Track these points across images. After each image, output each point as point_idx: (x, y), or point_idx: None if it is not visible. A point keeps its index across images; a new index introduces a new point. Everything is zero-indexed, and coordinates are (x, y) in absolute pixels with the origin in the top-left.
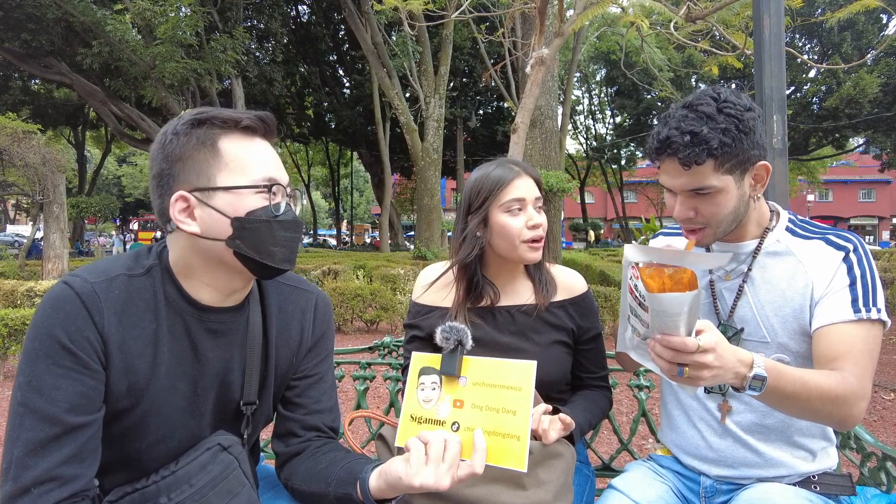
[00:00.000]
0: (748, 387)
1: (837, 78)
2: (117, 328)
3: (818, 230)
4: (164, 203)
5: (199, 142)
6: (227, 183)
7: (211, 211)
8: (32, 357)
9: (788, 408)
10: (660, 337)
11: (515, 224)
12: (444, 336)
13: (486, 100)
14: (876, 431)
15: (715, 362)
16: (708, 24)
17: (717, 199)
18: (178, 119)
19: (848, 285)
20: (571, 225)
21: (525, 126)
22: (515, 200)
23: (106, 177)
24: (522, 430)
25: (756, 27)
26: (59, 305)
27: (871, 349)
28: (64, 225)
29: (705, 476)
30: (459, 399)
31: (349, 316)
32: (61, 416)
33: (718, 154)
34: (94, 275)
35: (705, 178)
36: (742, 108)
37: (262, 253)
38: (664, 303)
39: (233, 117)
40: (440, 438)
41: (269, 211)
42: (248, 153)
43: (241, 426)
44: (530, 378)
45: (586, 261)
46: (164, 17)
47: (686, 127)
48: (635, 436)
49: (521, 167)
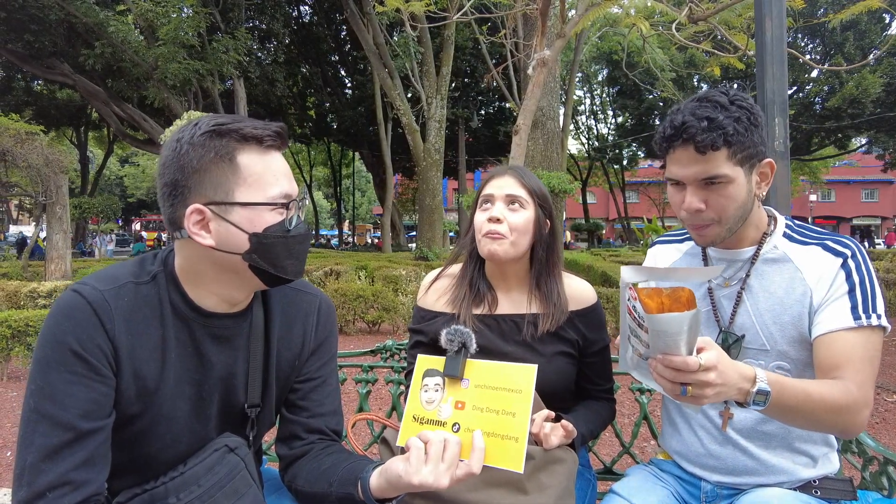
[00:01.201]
0: (752, 402)
1: (840, 78)
2: (126, 335)
3: (816, 235)
4: (176, 213)
5: (218, 155)
6: (245, 199)
7: (228, 225)
8: (44, 364)
9: (792, 420)
10: (661, 357)
11: (480, 218)
12: (449, 338)
13: (488, 100)
14: (878, 434)
15: (718, 380)
16: (710, 25)
17: (728, 191)
18: (195, 127)
19: (847, 292)
20: (573, 225)
21: (527, 128)
22: (486, 196)
23: (108, 177)
24: (521, 432)
25: (758, 30)
26: (70, 313)
27: (872, 356)
28: (67, 226)
29: (706, 482)
30: (461, 401)
31: (351, 317)
32: (74, 421)
33: (733, 141)
34: (102, 282)
35: (719, 166)
36: (752, 104)
37: (277, 266)
38: (663, 323)
39: (254, 134)
40: (440, 438)
41: (284, 226)
42: (266, 169)
43: (245, 429)
44: (531, 381)
45: (588, 261)
46: (167, 18)
47: (702, 113)
48: (637, 438)
49: (506, 168)
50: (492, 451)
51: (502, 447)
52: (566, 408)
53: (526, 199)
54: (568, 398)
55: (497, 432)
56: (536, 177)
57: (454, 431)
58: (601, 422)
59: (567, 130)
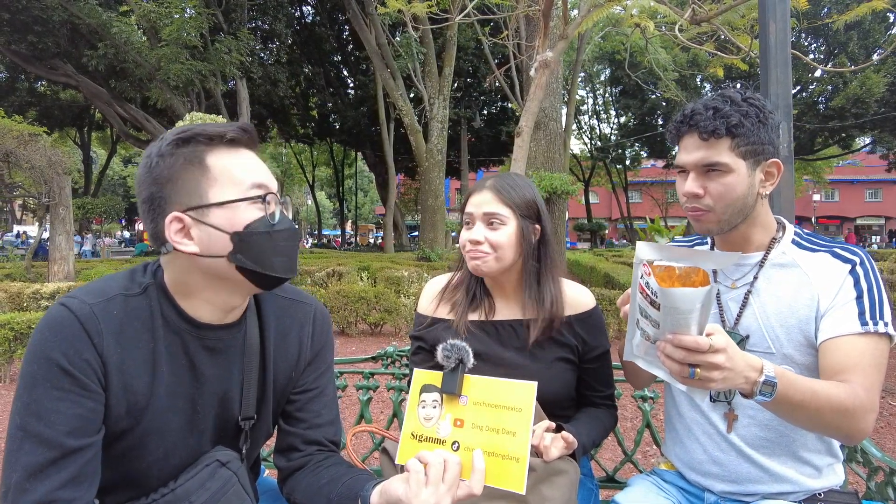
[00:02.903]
0: (759, 392)
1: (844, 77)
2: (116, 349)
3: (825, 243)
4: (157, 226)
5: (187, 161)
6: (219, 198)
7: (208, 228)
8: (30, 381)
9: (797, 418)
10: (671, 336)
11: (463, 236)
12: (445, 354)
13: (490, 100)
14: (883, 438)
15: (727, 363)
16: (713, 26)
17: (727, 180)
18: (161, 140)
19: (855, 298)
20: (576, 225)
21: (529, 130)
22: (466, 215)
23: (111, 177)
24: (522, 452)
25: (761, 33)
26: (57, 328)
27: (879, 363)
28: (70, 227)
29: (709, 492)
30: (460, 418)
31: (353, 319)
32: (60, 439)
33: (736, 132)
34: (91, 296)
35: (720, 154)
36: (765, 105)
37: (264, 264)
38: (676, 298)
39: (217, 132)
40: (439, 460)
41: (266, 221)
42: (235, 165)
43: (239, 441)
44: (531, 399)
45: (591, 262)
46: (169, 19)
47: (710, 103)
48: (639, 447)
49: (488, 183)
50: (492, 472)
51: (503, 467)
52: (567, 416)
53: (505, 215)
54: (568, 405)
55: (497, 452)
56: (524, 181)
57: (454, 450)
58: (603, 430)
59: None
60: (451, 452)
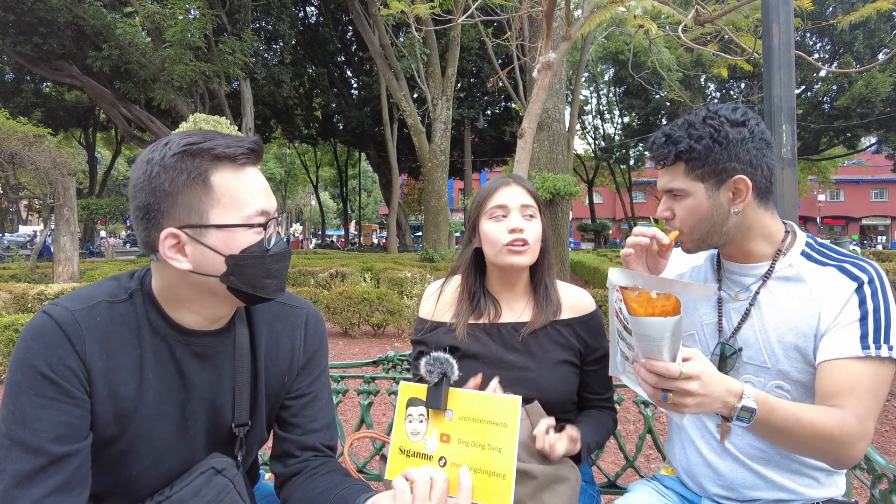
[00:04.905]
0: (736, 417)
1: (849, 77)
2: (100, 355)
3: (836, 257)
4: (150, 236)
5: (190, 177)
6: (220, 221)
7: (203, 248)
8: (15, 389)
9: (779, 442)
10: (644, 361)
11: (497, 229)
12: (428, 369)
13: (494, 100)
14: (887, 443)
15: (699, 390)
16: (717, 27)
17: (686, 203)
18: (165, 147)
19: (858, 319)
20: (580, 225)
21: (532, 131)
22: (498, 207)
23: (116, 178)
24: (508, 469)
25: (765, 36)
26: (39, 336)
27: (878, 389)
28: (74, 228)
29: (708, 498)
30: (446, 433)
31: (356, 320)
32: (46, 446)
33: (685, 158)
34: (74, 302)
35: (674, 180)
36: (730, 122)
37: (256, 287)
38: (647, 327)
39: (227, 154)
40: (426, 478)
41: (262, 246)
42: (240, 188)
43: (234, 448)
44: (515, 414)
45: (594, 262)
46: (173, 20)
47: (667, 130)
48: (641, 452)
49: (512, 177)
50: (479, 489)
51: (490, 484)
52: (568, 419)
53: (536, 208)
54: (570, 408)
55: (484, 468)
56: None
57: (441, 466)
58: (605, 431)
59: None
60: (438, 469)
